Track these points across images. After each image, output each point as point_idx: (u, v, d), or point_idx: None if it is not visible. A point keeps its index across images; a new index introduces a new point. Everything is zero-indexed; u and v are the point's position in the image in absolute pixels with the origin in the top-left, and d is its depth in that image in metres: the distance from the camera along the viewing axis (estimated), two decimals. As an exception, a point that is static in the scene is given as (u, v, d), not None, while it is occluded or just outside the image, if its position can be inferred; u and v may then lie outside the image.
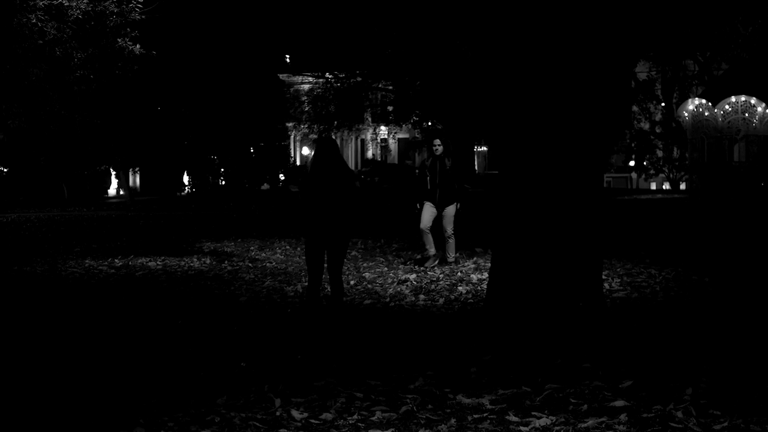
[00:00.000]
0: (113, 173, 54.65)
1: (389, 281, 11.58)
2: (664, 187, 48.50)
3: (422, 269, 12.57)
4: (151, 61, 28.06)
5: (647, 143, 45.75)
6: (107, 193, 57.25)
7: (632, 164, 49.24)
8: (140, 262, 14.36)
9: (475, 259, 13.57)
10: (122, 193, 53.20)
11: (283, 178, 55.24)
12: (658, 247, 14.82)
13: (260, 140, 54.65)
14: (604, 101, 7.71)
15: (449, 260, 13.00)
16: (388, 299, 10.18)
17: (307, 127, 52.24)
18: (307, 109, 50.91)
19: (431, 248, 13.00)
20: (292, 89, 56.64)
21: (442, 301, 9.96)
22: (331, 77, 46.27)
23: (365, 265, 13.42)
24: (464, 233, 17.06)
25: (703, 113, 31.14)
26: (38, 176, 44.94)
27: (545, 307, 7.59)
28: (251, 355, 7.28)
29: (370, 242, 16.51)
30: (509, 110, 7.89)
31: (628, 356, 6.86)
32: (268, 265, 13.77)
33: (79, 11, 25.28)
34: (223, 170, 57.93)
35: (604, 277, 9.23)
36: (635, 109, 44.38)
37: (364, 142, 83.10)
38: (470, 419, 5.50)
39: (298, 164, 75.47)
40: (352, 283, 11.52)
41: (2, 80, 25.01)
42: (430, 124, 49.63)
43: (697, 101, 31.87)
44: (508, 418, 5.49)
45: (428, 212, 12.98)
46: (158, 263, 14.15)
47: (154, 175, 53.89)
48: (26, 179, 45.57)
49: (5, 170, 45.92)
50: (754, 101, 30.60)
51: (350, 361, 7.01)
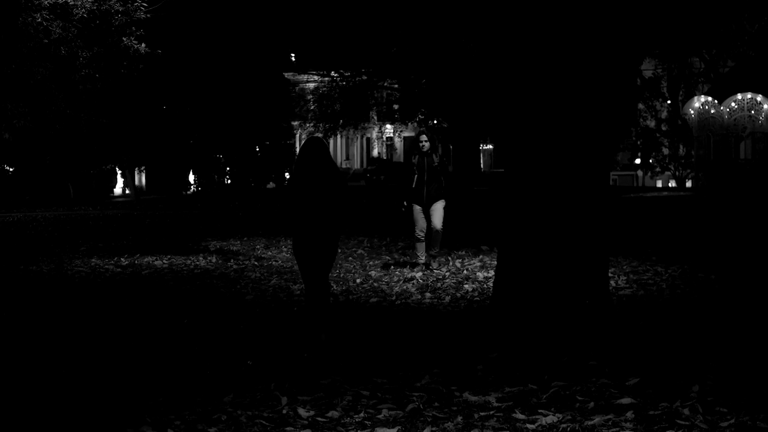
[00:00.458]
0: (119, 172, 54.73)
1: (395, 279, 11.57)
2: (670, 184, 48.49)
3: (428, 269, 12.35)
4: (156, 60, 28.06)
5: (653, 141, 45.77)
6: (113, 192, 57.39)
7: (638, 162, 49.26)
8: (146, 260, 14.38)
9: (481, 257, 13.55)
10: (128, 192, 53.26)
11: (288, 177, 55.32)
12: (664, 244, 14.80)
13: (266, 139, 54.64)
14: (610, 99, 7.70)
15: (433, 253, 12.78)
16: (394, 297, 10.18)
17: (312, 125, 52.27)
18: (312, 107, 50.92)
19: (422, 257, 12.59)
20: (297, 88, 56.74)
21: (448, 299, 9.95)
22: (336, 76, 46.25)
23: (371, 263, 13.42)
24: (470, 231, 17.08)
25: (709, 111, 31.14)
26: (44, 175, 45.01)
27: (551, 304, 7.59)
28: (258, 353, 7.28)
29: (375, 240, 16.51)
30: (515, 108, 7.89)
31: (634, 354, 6.85)
32: (274, 263, 13.78)
33: (84, 10, 25.29)
34: (228, 169, 57.97)
35: (610, 274, 9.21)
36: (641, 106, 44.38)
37: (369, 140, 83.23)
38: (477, 417, 5.50)
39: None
40: (358, 281, 11.52)
41: (7, 79, 25.04)
42: (435, 122, 49.62)
43: (703, 99, 31.88)
44: (514, 415, 5.49)
45: (421, 216, 12.54)
46: (164, 262, 14.17)
47: (159, 174, 53.94)
48: (32, 178, 45.64)
49: (11, 170, 45.98)
50: (760, 98, 30.61)
51: (356, 359, 7.01)
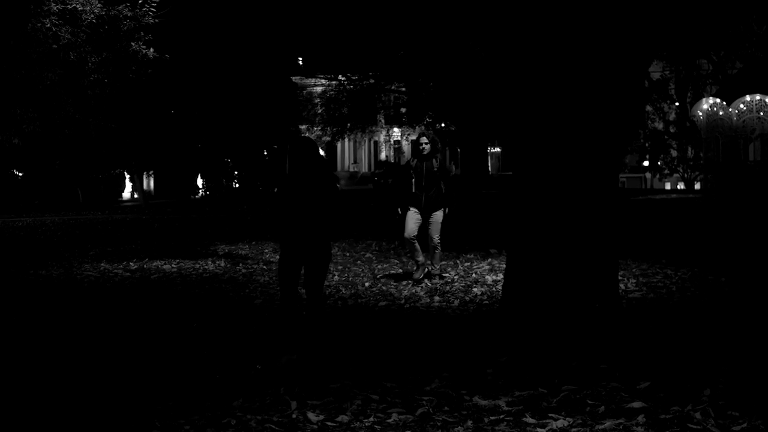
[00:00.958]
0: (127, 177, 54.95)
1: (404, 283, 11.56)
2: (678, 187, 48.44)
3: (427, 280, 11.80)
4: (164, 64, 28.16)
5: (661, 143, 45.71)
6: (121, 196, 57.57)
7: (646, 164, 49.20)
8: (155, 265, 14.40)
9: (489, 260, 13.54)
10: (136, 196, 53.43)
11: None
12: (673, 247, 14.76)
13: (273, 143, 54.75)
14: (618, 101, 7.69)
15: (434, 272, 11.89)
16: (402, 301, 10.16)
17: (320, 129, 52.35)
18: (320, 111, 51.01)
19: (419, 257, 11.73)
20: (305, 91, 56.79)
21: (457, 302, 9.93)
22: (344, 79, 46.32)
23: (380, 266, 13.42)
24: (478, 234, 17.07)
25: (717, 112, 31.07)
26: (53, 180, 45.18)
27: (561, 308, 7.57)
28: (267, 357, 7.28)
29: (384, 244, 16.51)
30: (523, 111, 7.88)
31: (644, 357, 6.83)
32: (282, 267, 13.75)
33: (92, 15, 25.39)
34: (236, 173, 58.09)
35: (619, 277, 9.19)
36: (649, 108, 44.33)
37: (377, 144, 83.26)
38: (487, 421, 5.48)
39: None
40: (367, 284, 11.52)
41: (17, 85, 25.13)
42: (443, 125, 49.64)
43: (711, 100, 31.81)
44: (524, 419, 5.47)
45: (413, 219, 11.69)
46: (173, 266, 14.18)
47: (168, 178, 54.14)
48: (41, 183, 45.80)
49: (20, 174, 46.14)
50: (768, 100, 30.50)
51: (366, 363, 6.99)
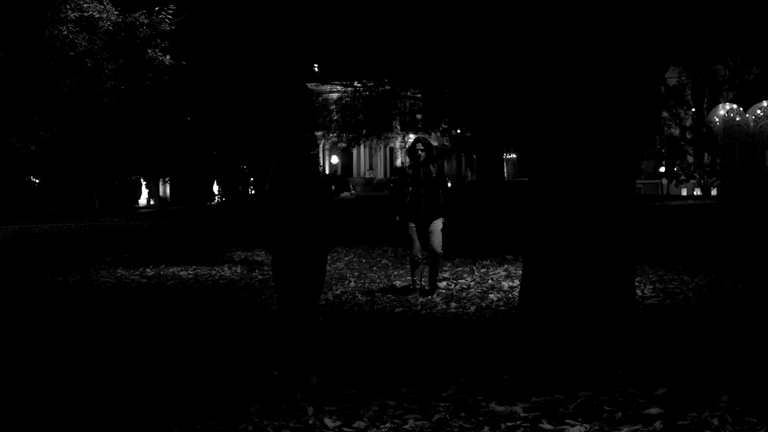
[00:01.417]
0: (144, 183, 55.09)
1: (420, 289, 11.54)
2: (695, 193, 48.26)
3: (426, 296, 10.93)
4: (180, 71, 28.28)
5: (678, 149, 45.55)
6: (138, 203, 57.71)
7: (663, 170, 49.06)
8: (172, 271, 14.43)
9: (505, 266, 13.52)
10: (153, 203, 53.60)
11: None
12: (690, 253, 14.71)
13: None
14: (634, 107, 7.67)
15: (439, 285, 11.45)
16: (419, 307, 10.15)
17: (336, 135, 52.48)
18: (335, 117, 51.16)
19: (417, 280, 11.12)
20: (320, 98, 56.96)
21: (473, 308, 9.92)
22: (359, 86, 46.42)
23: (396, 272, 13.42)
24: (494, 240, 17.04)
25: (734, 118, 30.91)
26: (70, 187, 45.37)
27: (578, 314, 7.55)
28: (283, 363, 7.27)
29: (400, 250, 16.50)
30: (539, 117, 7.87)
31: (661, 363, 6.80)
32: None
33: (109, 23, 25.55)
34: (252, 179, 58.19)
35: (636, 283, 9.16)
36: (665, 114, 44.21)
37: (392, 150, 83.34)
38: (503, 427, 5.47)
39: (327, 173, 75.73)
40: (383, 291, 11.51)
41: (34, 92, 25.28)
42: (459, 131, 49.64)
43: (728, 106, 31.65)
44: (541, 426, 5.46)
45: (416, 235, 10.92)
46: (189, 272, 14.21)
47: (184, 184, 54.31)
48: (58, 190, 46.01)
49: (37, 181, 46.35)
50: (786, 106, 30.33)
51: (382, 369, 6.99)
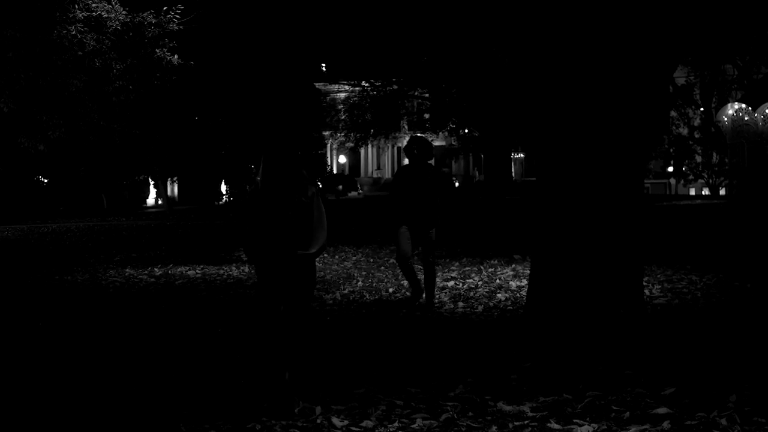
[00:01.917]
0: (152, 183, 55.16)
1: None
2: (703, 192, 48.18)
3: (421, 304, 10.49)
4: (188, 71, 28.35)
5: (686, 148, 45.48)
6: (146, 202, 57.78)
7: (671, 170, 48.98)
8: (179, 270, 14.45)
9: (513, 266, 13.51)
10: (160, 202, 53.63)
11: (321, 186, 55.44)
12: (698, 253, 14.68)
13: (297, 149, 54.88)
14: (642, 106, 7.66)
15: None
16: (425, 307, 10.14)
17: (343, 135, 52.48)
18: (343, 117, 51.17)
19: (414, 283, 10.40)
20: (328, 98, 56.95)
21: (481, 308, 9.91)
22: (367, 85, 46.41)
23: (403, 272, 13.40)
24: (502, 240, 17.03)
25: (742, 118, 30.84)
26: (78, 186, 45.42)
27: (586, 313, 7.55)
28: (291, 362, 7.27)
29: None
30: (547, 117, 7.87)
31: (669, 363, 6.79)
32: (306, 273, 13.75)
33: (117, 23, 25.63)
34: (259, 179, 58.14)
35: (644, 283, 9.15)
36: (673, 114, 44.13)
37: (400, 150, 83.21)
38: (511, 427, 5.47)
39: (335, 172, 75.75)
40: (390, 290, 11.51)
41: (43, 92, 25.36)
42: (467, 131, 49.62)
43: (736, 105, 31.58)
44: (549, 425, 5.46)
45: (405, 238, 10.12)
46: (197, 272, 14.23)
47: (192, 184, 54.32)
48: (66, 189, 46.07)
49: (46, 181, 46.43)
50: (794, 105, 30.27)
51: (390, 368, 6.99)
